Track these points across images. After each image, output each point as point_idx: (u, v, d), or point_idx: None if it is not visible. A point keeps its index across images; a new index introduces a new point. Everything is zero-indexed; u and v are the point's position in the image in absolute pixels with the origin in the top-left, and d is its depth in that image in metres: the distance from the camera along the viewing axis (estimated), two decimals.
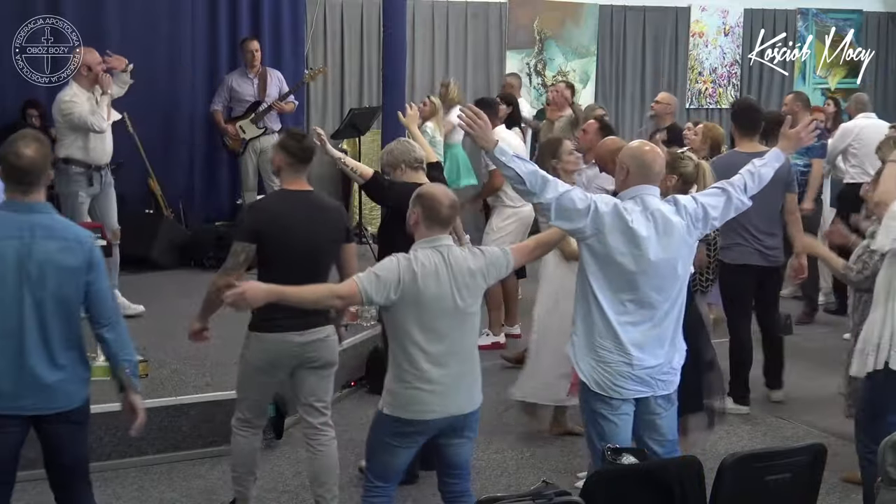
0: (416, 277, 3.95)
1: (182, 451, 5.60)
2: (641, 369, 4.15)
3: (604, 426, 4.18)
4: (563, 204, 4.05)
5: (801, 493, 3.97)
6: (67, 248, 3.85)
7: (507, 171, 4.06)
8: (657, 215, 4.14)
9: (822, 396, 6.89)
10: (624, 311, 4.12)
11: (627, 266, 4.09)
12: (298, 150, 4.62)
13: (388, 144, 5.62)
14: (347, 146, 10.88)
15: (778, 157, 4.52)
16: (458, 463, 4.26)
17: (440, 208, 4.04)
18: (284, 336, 4.51)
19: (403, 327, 4.00)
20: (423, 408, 4.02)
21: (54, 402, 3.91)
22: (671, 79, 13.26)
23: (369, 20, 11.31)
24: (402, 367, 4.02)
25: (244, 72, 9.83)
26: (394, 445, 4.11)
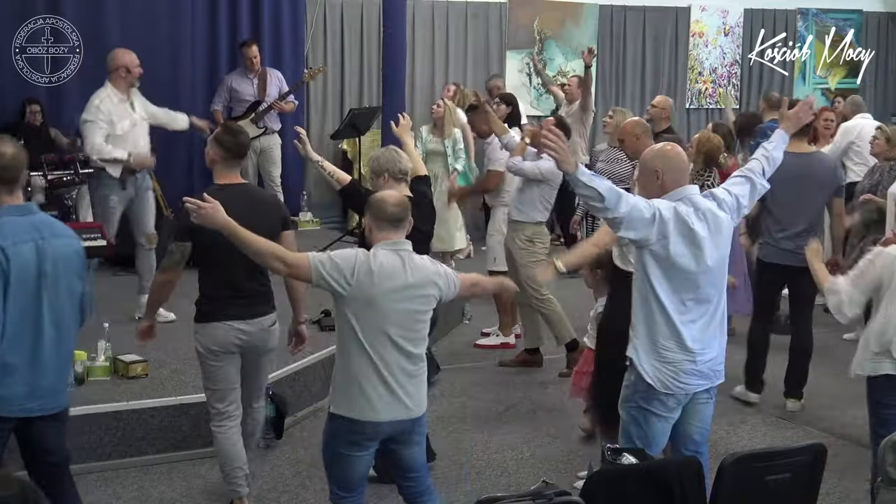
0: (372, 274, 3.94)
1: (182, 451, 5.60)
2: (703, 363, 4.26)
3: (655, 424, 4.28)
4: (633, 215, 4.08)
5: (801, 493, 3.97)
6: (69, 244, 3.95)
7: (588, 191, 4.03)
8: (708, 215, 4.22)
9: (823, 396, 6.90)
10: (685, 310, 4.20)
11: (689, 267, 4.16)
12: (233, 144, 4.76)
13: (375, 151, 5.59)
14: (347, 146, 10.89)
15: (784, 139, 4.69)
16: (414, 465, 4.25)
17: (385, 206, 4.07)
18: (230, 324, 4.67)
19: (354, 326, 3.97)
20: (372, 411, 4.00)
21: (53, 403, 3.94)
22: (671, 79, 13.25)
23: (369, 20, 11.31)
24: (352, 367, 4.00)
25: (244, 72, 9.84)
26: (348, 452, 4.08)
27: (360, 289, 3.93)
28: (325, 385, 6.55)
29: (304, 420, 6.28)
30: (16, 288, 3.79)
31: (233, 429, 4.80)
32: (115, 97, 7.02)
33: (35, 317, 3.84)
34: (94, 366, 5.92)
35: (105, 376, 5.93)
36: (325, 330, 6.93)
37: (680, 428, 4.37)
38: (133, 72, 7.04)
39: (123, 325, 6.67)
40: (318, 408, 6.45)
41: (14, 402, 3.85)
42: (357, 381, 3.99)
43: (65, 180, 9.07)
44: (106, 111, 6.93)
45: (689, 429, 4.39)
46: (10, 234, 3.82)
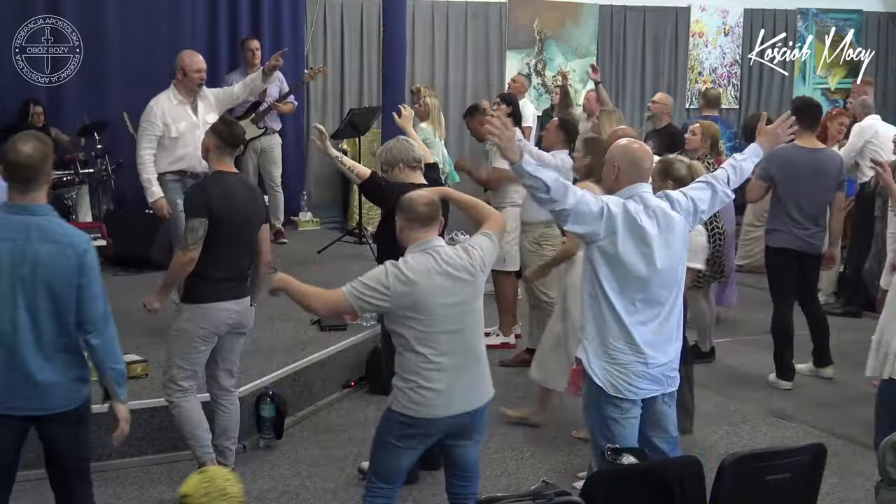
0: (408, 281, 3.97)
1: (182, 451, 5.58)
2: (655, 367, 4.19)
3: (614, 429, 4.19)
4: (580, 209, 4.05)
5: (801, 493, 3.97)
6: (60, 252, 3.83)
7: (534, 181, 4.00)
8: (658, 212, 4.17)
9: (823, 396, 6.90)
10: (634, 310, 4.14)
11: (638, 265, 4.11)
12: (228, 135, 4.94)
13: (386, 143, 5.60)
14: (347, 146, 10.88)
15: (756, 153, 4.61)
16: (467, 465, 4.28)
17: (416, 206, 4.10)
18: (225, 304, 4.88)
19: (403, 331, 4.03)
20: (429, 407, 4.04)
21: (51, 403, 3.90)
22: (671, 79, 13.25)
23: (369, 20, 11.32)
24: (407, 367, 4.05)
25: (244, 72, 9.82)
26: (399, 447, 4.11)
27: (401, 297, 3.97)
28: (325, 385, 6.57)
29: (304, 420, 6.28)
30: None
31: (195, 400, 5.03)
32: (173, 99, 6.87)
33: (10, 318, 3.78)
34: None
35: None
36: (325, 330, 6.93)
37: (645, 436, 4.29)
38: (190, 76, 6.83)
39: (123, 325, 6.66)
40: (319, 407, 6.46)
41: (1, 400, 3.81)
42: (411, 381, 4.04)
43: (65, 180, 9.09)
44: (159, 113, 6.79)
45: (655, 438, 4.32)
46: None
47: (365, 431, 5.88)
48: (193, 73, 6.83)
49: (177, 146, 6.79)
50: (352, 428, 6.13)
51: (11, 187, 3.87)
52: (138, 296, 7.50)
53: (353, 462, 5.62)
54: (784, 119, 4.73)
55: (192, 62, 6.87)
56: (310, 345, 6.66)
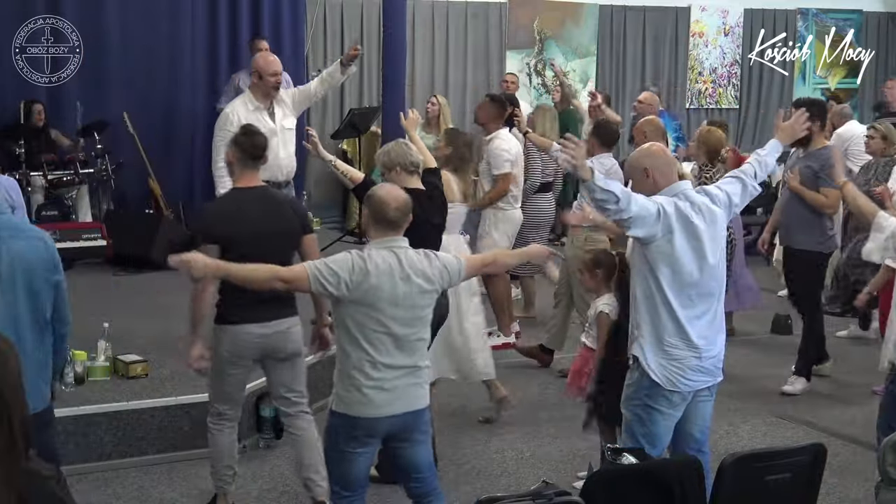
0: (368, 276, 3.92)
1: (182, 451, 5.60)
2: (708, 360, 4.30)
3: (658, 421, 4.29)
4: (642, 213, 4.12)
5: (801, 493, 3.97)
6: (34, 247, 3.82)
7: (605, 195, 4.05)
8: (704, 209, 4.27)
9: (823, 396, 6.90)
10: (690, 305, 4.24)
11: (692, 261, 4.20)
12: (249, 146, 4.68)
13: (385, 145, 5.57)
14: (347, 146, 10.89)
15: (777, 148, 4.74)
16: (418, 464, 4.22)
17: (386, 210, 4.02)
18: (245, 328, 4.59)
19: (351, 326, 3.97)
20: (370, 406, 3.99)
21: None
22: (671, 79, 13.26)
23: (369, 20, 11.32)
24: (350, 364, 4.00)
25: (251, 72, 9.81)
26: (347, 451, 4.07)
27: (357, 290, 3.93)
28: (325, 385, 6.55)
29: None
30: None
31: (229, 429, 4.81)
32: (250, 104, 6.41)
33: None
34: (94, 366, 5.92)
35: (105, 376, 5.93)
36: None
37: (681, 427, 4.39)
38: (266, 79, 6.36)
39: (123, 326, 6.68)
40: (319, 407, 6.45)
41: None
42: (354, 379, 3.99)
43: (65, 180, 9.10)
44: (235, 120, 6.16)
45: (691, 427, 4.42)
46: None
47: None
48: (269, 76, 6.38)
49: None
50: None
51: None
52: (138, 296, 7.55)
53: None
54: (799, 115, 4.89)
55: (268, 65, 6.42)
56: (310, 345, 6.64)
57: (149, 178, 9.79)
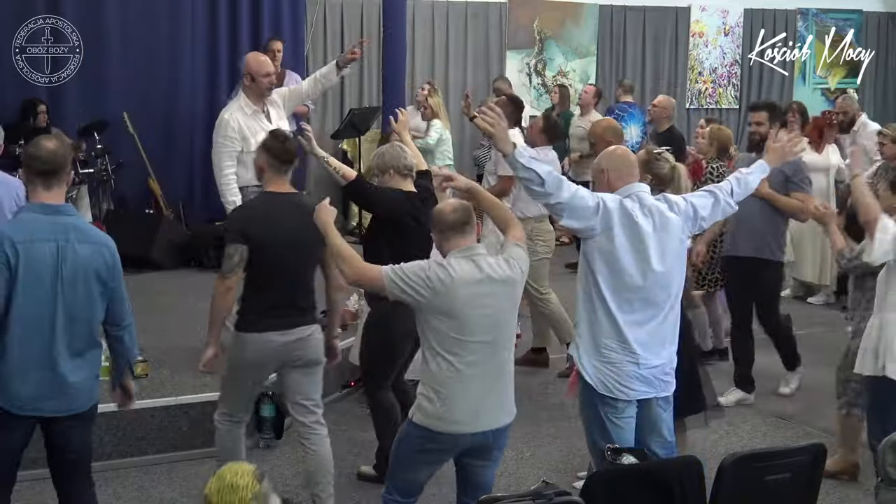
0: (449, 284, 3.88)
1: (182, 451, 5.60)
2: (647, 369, 4.17)
3: (609, 429, 4.18)
4: (576, 203, 4.07)
5: (801, 493, 3.97)
6: (98, 253, 3.92)
7: (527, 173, 4.02)
8: (654, 211, 4.18)
9: (822, 396, 6.90)
10: (630, 310, 4.14)
11: (633, 263, 4.11)
12: (281, 151, 4.60)
13: (380, 147, 5.54)
14: (347, 146, 10.89)
15: (763, 169, 4.63)
16: (484, 484, 4.16)
17: (444, 217, 4.02)
18: (266, 336, 4.52)
19: (433, 335, 3.94)
20: (453, 423, 3.94)
21: (74, 404, 3.95)
22: (671, 79, 13.26)
23: (369, 20, 11.32)
24: (434, 377, 3.96)
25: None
26: (418, 461, 4.04)
27: (438, 298, 3.88)
28: (325, 385, 6.54)
29: None
30: (28, 286, 3.78)
31: (239, 427, 4.78)
32: (246, 108, 6.27)
33: (50, 318, 3.83)
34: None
35: (105, 376, 5.90)
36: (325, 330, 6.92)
37: (642, 440, 4.28)
38: (259, 81, 6.23)
39: None
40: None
41: (27, 402, 3.85)
42: (437, 391, 3.93)
43: None
44: (236, 126, 6.17)
45: (651, 443, 4.31)
46: (27, 231, 3.83)
47: (364, 432, 5.88)
48: (262, 77, 6.26)
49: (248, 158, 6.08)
50: (351, 428, 6.13)
51: (33, 183, 3.91)
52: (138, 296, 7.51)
53: (353, 462, 5.62)
54: (792, 137, 4.79)
55: (260, 66, 6.28)
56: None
57: (149, 178, 9.79)
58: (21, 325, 3.79)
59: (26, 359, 3.82)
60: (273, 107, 6.41)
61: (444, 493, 5.06)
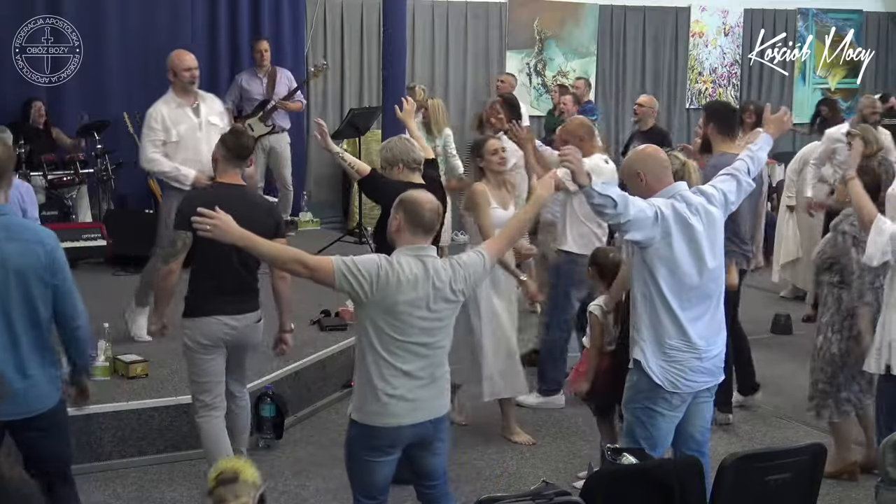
0: (394, 283, 3.85)
1: (182, 451, 5.60)
2: (708, 360, 4.30)
3: (659, 423, 4.28)
4: (639, 217, 4.10)
5: (801, 493, 3.97)
6: (29, 250, 3.79)
7: (603, 200, 4.04)
8: (701, 210, 4.26)
9: None
10: (690, 307, 4.23)
11: (691, 263, 4.19)
12: (234, 145, 4.89)
13: (388, 140, 5.55)
14: (347, 146, 10.88)
15: (768, 141, 4.77)
16: (434, 472, 4.19)
17: (422, 213, 3.95)
18: (216, 318, 4.78)
19: (373, 333, 3.91)
20: (391, 416, 3.94)
21: (28, 406, 3.85)
22: (671, 79, 13.26)
23: (369, 20, 11.32)
24: (371, 373, 3.94)
25: (254, 71, 9.91)
26: (368, 460, 4.03)
27: (382, 296, 3.86)
28: (325, 385, 6.57)
29: (304, 420, 6.28)
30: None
31: (218, 419, 4.92)
32: (172, 102, 6.59)
33: None
34: (94, 366, 5.91)
35: (105, 376, 5.93)
36: (325, 330, 6.93)
37: (682, 428, 4.38)
38: (181, 75, 6.56)
39: (123, 325, 6.68)
40: (318, 407, 6.46)
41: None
42: (375, 387, 3.92)
43: (65, 180, 9.10)
44: (158, 117, 6.52)
45: (692, 428, 4.41)
46: None
47: None
48: (183, 71, 6.59)
49: (178, 150, 6.50)
50: None
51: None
52: None
53: None
54: (785, 110, 4.98)
55: (182, 61, 6.64)
56: (309, 345, 6.65)
57: (149, 178, 9.77)
58: None
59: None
60: (205, 102, 6.71)
61: None
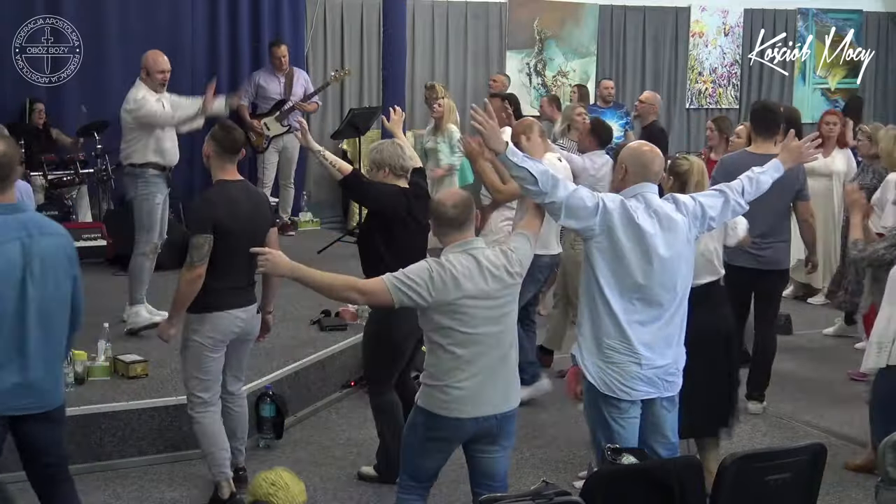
0: (450, 281, 3.90)
1: (182, 451, 5.60)
2: (650, 369, 4.16)
3: (613, 428, 4.19)
4: (573, 203, 4.05)
5: (801, 493, 3.97)
6: (60, 243, 3.91)
7: (519, 172, 4.00)
8: (660, 212, 4.17)
9: (823, 396, 6.90)
10: (633, 309, 4.13)
11: (635, 263, 4.10)
12: (227, 140, 4.87)
13: (381, 142, 5.52)
14: (347, 146, 10.89)
15: (777, 168, 4.58)
16: (495, 473, 4.18)
17: (444, 209, 4.01)
18: (232, 312, 4.82)
19: (438, 332, 3.97)
20: (456, 408, 3.97)
21: (45, 401, 3.92)
22: (671, 79, 13.26)
23: (369, 20, 11.32)
24: (438, 367, 3.99)
25: (272, 70, 10.04)
26: (425, 447, 4.08)
27: (441, 297, 3.90)
28: (325, 385, 6.57)
29: (305, 420, 6.28)
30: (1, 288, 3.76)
31: (216, 413, 4.95)
32: (150, 96, 6.81)
33: (21, 315, 3.80)
34: (94, 366, 5.92)
35: (105, 376, 5.93)
36: (325, 330, 6.93)
37: (646, 443, 4.28)
38: (154, 76, 6.79)
39: (123, 326, 6.68)
40: (319, 407, 6.46)
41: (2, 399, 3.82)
42: (443, 382, 3.97)
43: (65, 180, 9.09)
44: (149, 97, 6.75)
45: (653, 441, 4.31)
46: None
47: (365, 431, 5.88)
48: (157, 73, 6.79)
49: (163, 139, 6.82)
50: (352, 428, 6.13)
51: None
52: None
53: (353, 462, 5.62)
54: (810, 138, 4.74)
55: (156, 63, 6.81)
56: (309, 345, 6.66)
57: None
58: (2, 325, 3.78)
59: (7, 360, 3.79)
60: (167, 101, 6.90)
61: (443, 493, 5.07)
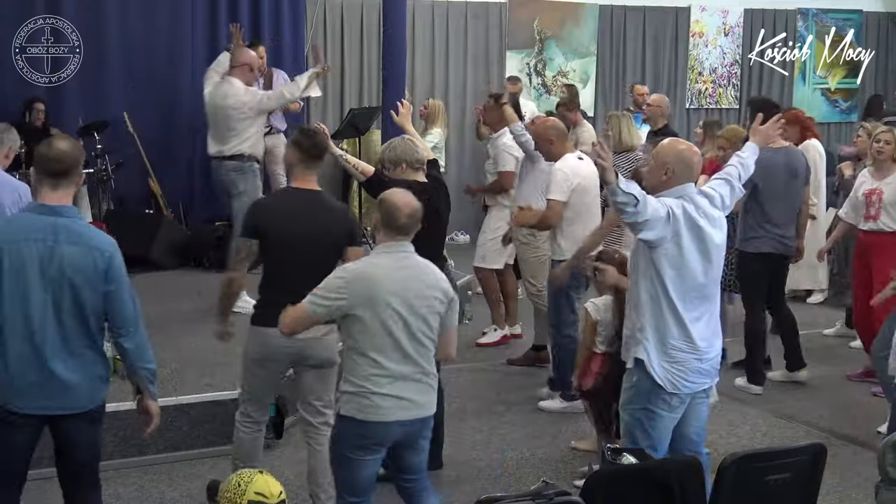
0: (364, 278, 3.93)
1: (182, 451, 5.60)
2: (707, 361, 4.33)
3: (657, 423, 4.30)
4: (654, 216, 4.11)
5: (801, 493, 3.97)
6: (88, 255, 3.87)
7: (626, 198, 4.03)
8: (708, 211, 4.29)
9: (823, 396, 6.91)
10: (693, 307, 4.26)
11: (698, 264, 4.22)
12: (310, 146, 4.70)
13: (391, 140, 5.54)
14: (347, 146, 10.89)
15: (754, 150, 4.78)
16: (416, 468, 4.22)
17: (398, 216, 4.00)
18: (270, 331, 4.44)
19: (359, 337, 3.96)
20: (380, 412, 3.97)
21: (75, 402, 3.94)
22: (671, 79, 13.25)
23: (369, 20, 11.32)
24: (357, 373, 3.98)
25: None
26: (354, 458, 4.05)
27: (356, 294, 3.93)
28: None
29: None
30: (13, 286, 3.78)
31: (255, 431, 4.79)
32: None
33: (39, 317, 3.81)
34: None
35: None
36: None
37: (678, 429, 4.39)
38: (256, 72, 7.32)
39: None
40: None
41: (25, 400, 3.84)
42: (364, 387, 3.96)
43: None
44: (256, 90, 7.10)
45: (688, 429, 4.43)
46: (15, 232, 3.83)
47: None
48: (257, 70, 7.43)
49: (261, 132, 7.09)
50: None
51: (41, 183, 3.89)
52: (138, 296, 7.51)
53: None
54: (775, 120, 4.93)
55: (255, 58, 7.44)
56: None
57: (149, 178, 9.79)
58: (8, 324, 3.79)
59: (18, 357, 3.82)
60: None
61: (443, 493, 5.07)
